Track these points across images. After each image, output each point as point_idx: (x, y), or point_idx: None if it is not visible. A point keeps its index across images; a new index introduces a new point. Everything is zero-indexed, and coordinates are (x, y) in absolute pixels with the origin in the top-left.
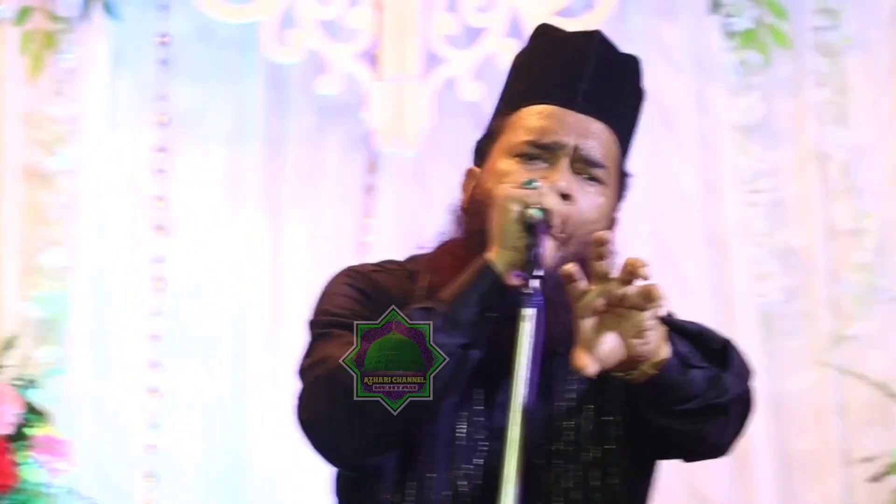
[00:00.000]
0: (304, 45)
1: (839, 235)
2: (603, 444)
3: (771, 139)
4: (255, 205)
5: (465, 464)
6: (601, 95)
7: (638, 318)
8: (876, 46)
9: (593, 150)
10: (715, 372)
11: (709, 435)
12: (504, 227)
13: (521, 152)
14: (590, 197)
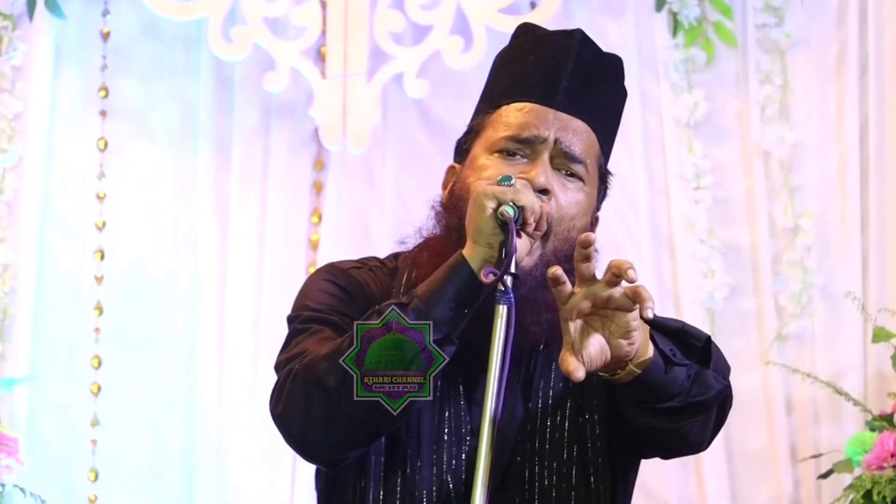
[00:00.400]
0: (250, 42)
1: (781, 233)
2: (582, 443)
3: (715, 136)
4: (202, 202)
5: (450, 459)
6: (581, 93)
7: (624, 320)
8: (819, 44)
9: (573, 145)
10: (697, 369)
11: (689, 432)
12: (479, 224)
13: (500, 148)
14: (570, 193)
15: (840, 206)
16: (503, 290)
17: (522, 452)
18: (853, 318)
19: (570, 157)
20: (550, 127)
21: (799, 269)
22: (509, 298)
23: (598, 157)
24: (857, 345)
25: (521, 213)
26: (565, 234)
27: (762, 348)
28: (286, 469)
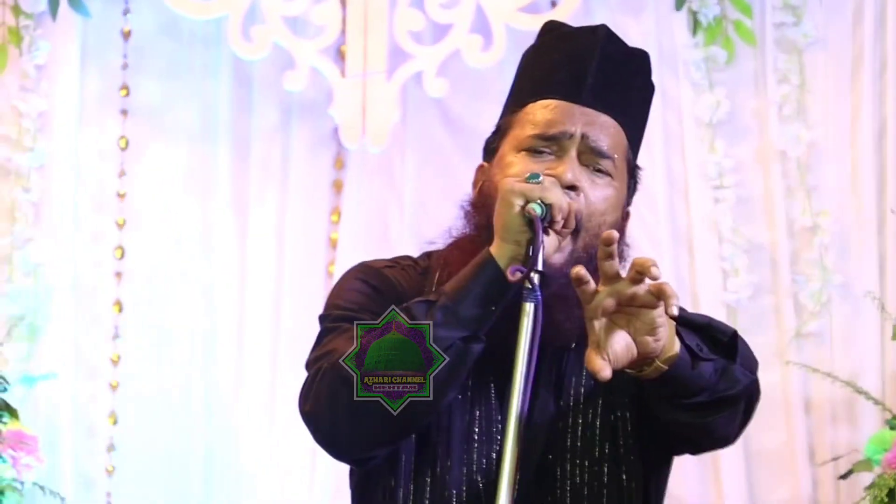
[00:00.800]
0: (270, 41)
1: (796, 233)
2: (614, 440)
3: (735, 136)
4: (222, 201)
5: (480, 458)
6: (607, 89)
7: (649, 317)
8: (837, 43)
9: (600, 140)
10: (724, 364)
11: (717, 427)
12: (506, 222)
13: (528, 146)
14: (598, 188)
15: (857, 205)
16: (530, 287)
17: (554, 450)
18: (871, 317)
19: (598, 152)
20: (577, 123)
21: (818, 267)
22: (536, 296)
23: (627, 152)
24: (875, 344)
25: (549, 211)
26: (596, 230)
27: (781, 347)
28: (304, 468)
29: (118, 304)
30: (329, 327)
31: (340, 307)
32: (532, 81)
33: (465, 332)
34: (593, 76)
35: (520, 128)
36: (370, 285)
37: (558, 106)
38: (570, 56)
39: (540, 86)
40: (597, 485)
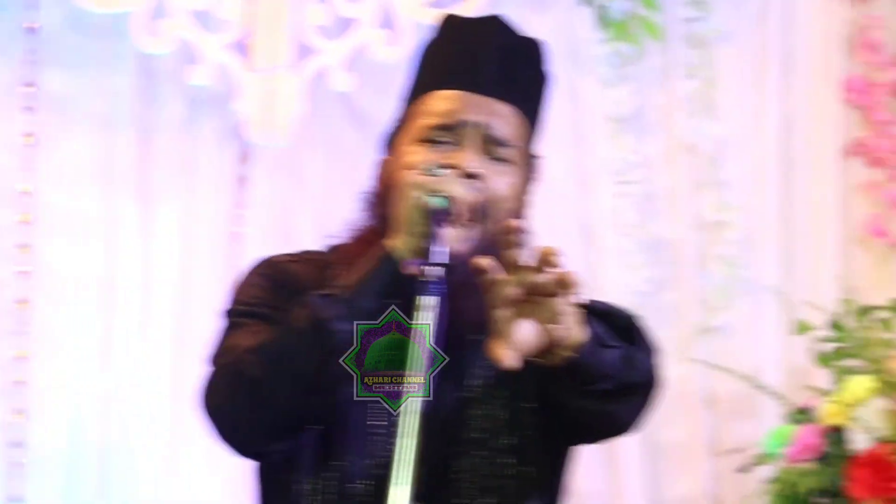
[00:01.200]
0: (175, 35)
1: (706, 227)
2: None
3: (642, 131)
4: (126, 195)
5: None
6: (505, 78)
7: (554, 305)
8: (744, 38)
9: (500, 129)
10: (628, 350)
11: (622, 415)
12: (406, 214)
13: (427, 137)
14: (500, 176)
15: (762, 200)
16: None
17: (458, 441)
18: (774, 312)
19: (498, 141)
20: (476, 112)
21: (725, 262)
22: (436, 289)
23: (526, 140)
24: (777, 338)
25: (449, 203)
26: (499, 217)
27: (684, 342)
28: (207, 466)
29: (25, 301)
30: (231, 323)
31: (242, 302)
32: (430, 74)
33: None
34: (490, 65)
35: (418, 119)
36: (272, 280)
37: (457, 96)
38: (466, 47)
39: (438, 77)
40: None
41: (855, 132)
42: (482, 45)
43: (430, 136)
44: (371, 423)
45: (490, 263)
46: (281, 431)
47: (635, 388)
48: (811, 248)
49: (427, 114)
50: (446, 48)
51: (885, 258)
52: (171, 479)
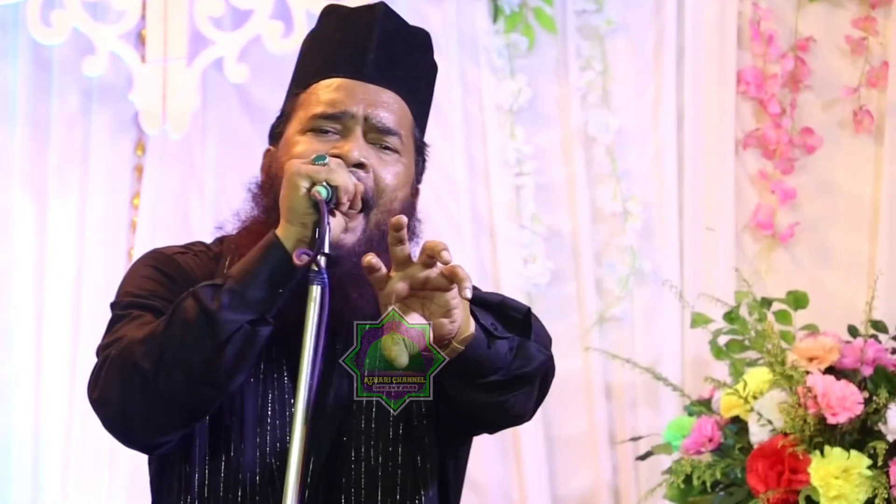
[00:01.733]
0: (69, 25)
1: (604, 218)
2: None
3: (537, 122)
4: (20, 186)
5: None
6: (389, 65)
7: (443, 299)
8: (638, 30)
9: (385, 118)
10: (519, 342)
11: (514, 405)
12: (292, 204)
13: (312, 126)
14: (387, 165)
15: (658, 191)
16: (317, 270)
17: (348, 431)
18: (672, 302)
19: (383, 129)
20: (360, 102)
21: (628, 253)
22: (323, 279)
23: (413, 129)
24: (675, 330)
25: (335, 193)
26: (388, 206)
27: (582, 333)
28: (103, 459)
29: None
30: (119, 314)
31: (131, 294)
32: (315, 64)
33: (253, 314)
34: (374, 52)
35: (303, 109)
36: (161, 272)
37: (341, 84)
38: (350, 35)
39: (323, 67)
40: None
41: (749, 123)
42: (365, 33)
43: (315, 125)
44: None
45: (377, 261)
46: (171, 423)
47: (527, 379)
48: (706, 239)
49: (312, 103)
50: (330, 37)
51: (768, 250)
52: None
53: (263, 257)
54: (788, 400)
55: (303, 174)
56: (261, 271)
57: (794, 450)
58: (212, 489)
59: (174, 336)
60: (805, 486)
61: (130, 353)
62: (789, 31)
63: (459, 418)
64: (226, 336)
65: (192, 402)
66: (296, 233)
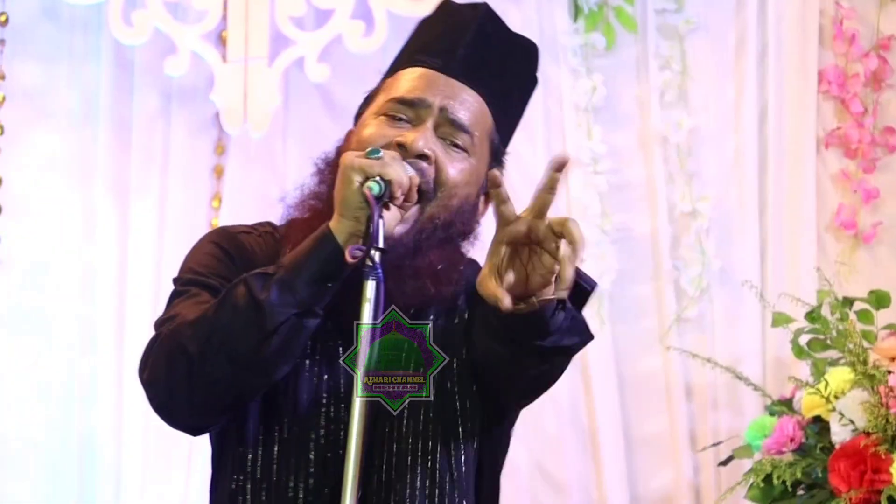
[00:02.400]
0: (151, 25)
1: (676, 218)
2: (441, 400)
3: (614, 121)
4: (102, 186)
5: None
6: (478, 66)
7: (549, 261)
8: (718, 30)
9: (460, 113)
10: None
11: (552, 376)
12: (345, 197)
13: (386, 111)
14: (453, 161)
15: (738, 191)
16: (371, 265)
17: (387, 419)
18: (752, 302)
19: (457, 124)
20: (438, 93)
21: (698, 252)
22: (378, 273)
23: (490, 132)
24: (756, 329)
25: (388, 187)
26: (446, 200)
27: (661, 333)
28: (183, 453)
29: None
30: (179, 290)
31: (193, 270)
32: (409, 52)
33: (300, 307)
34: (464, 49)
35: (385, 93)
36: (224, 250)
37: (424, 74)
38: (447, 28)
39: (413, 55)
40: (423, 446)
41: (831, 123)
42: (461, 30)
43: (390, 109)
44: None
45: (499, 176)
46: (214, 407)
47: (572, 351)
48: (787, 239)
49: (393, 88)
50: (431, 28)
51: (851, 249)
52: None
53: (315, 250)
54: (870, 399)
55: (356, 168)
56: (311, 264)
57: (877, 449)
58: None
59: (222, 322)
60: (888, 486)
61: (179, 334)
62: (871, 29)
63: (493, 391)
64: (273, 327)
65: (235, 388)
66: (349, 227)
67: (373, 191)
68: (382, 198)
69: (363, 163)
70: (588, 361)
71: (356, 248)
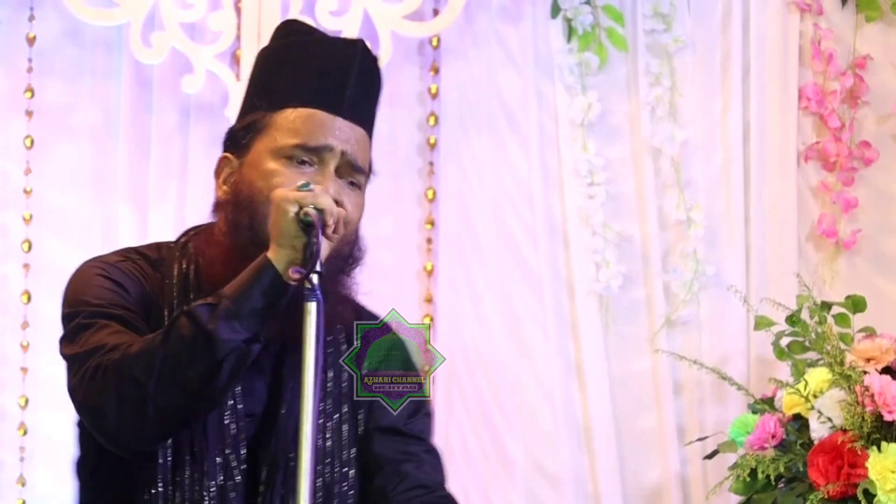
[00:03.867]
0: (168, 46)
1: (670, 226)
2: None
3: (608, 136)
4: (122, 198)
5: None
6: (362, 102)
7: None
8: (705, 48)
9: (357, 156)
10: None
11: None
12: (282, 227)
13: (289, 155)
14: (352, 198)
15: (725, 201)
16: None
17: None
18: (737, 306)
19: (355, 168)
20: (338, 138)
21: (691, 259)
22: (317, 295)
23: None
24: (740, 332)
25: (322, 216)
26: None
27: (652, 335)
28: None
29: (27, 294)
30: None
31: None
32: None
33: (247, 333)
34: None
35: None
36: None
37: (320, 118)
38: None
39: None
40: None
41: (810, 137)
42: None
43: (294, 154)
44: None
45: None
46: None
47: None
48: (770, 246)
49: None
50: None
51: (832, 257)
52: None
53: (257, 278)
54: (847, 398)
55: (291, 200)
56: (255, 293)
57: (853, 445)
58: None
59: (172, 353)
60: (863, 480)
61: (128, 366)
62: (848, 49)
63: None
64: (223, 354)
65: (185, 414)
66: (286, 255)
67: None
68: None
69: (298, 195)
70: (582, 361)
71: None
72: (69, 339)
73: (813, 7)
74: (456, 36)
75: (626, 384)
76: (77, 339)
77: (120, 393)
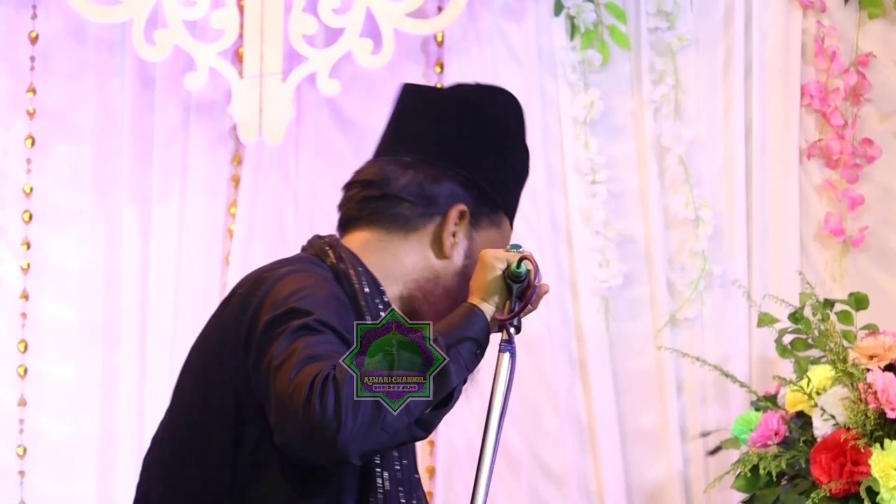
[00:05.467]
0: (171, 43)
1: (677, 224)
2: None
3: (610, 134)
4: (125, 195)
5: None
6: None
7: None
8: (708, 46)
9: None
10: None
11: None
12: (489, 284)
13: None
14: None
15: (728, 198)
16: (507, 339)
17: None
18: (741, 304)
19: None
20: None
21: (699, 257)
22: (512, 347)
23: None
24: (743, 330)
25: (527, 274)
26: None
27: (654, 332)
28: None
29: (25, 294)
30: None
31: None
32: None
33: (466, 374)
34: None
35: (500, 239)
36: (341, 301)
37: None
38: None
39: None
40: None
41: (813, 135)
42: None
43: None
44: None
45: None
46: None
47: None
48: (772, 244)
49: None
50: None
51: (840, 255)
52: None
53: (469, 325)
54: (850, 396)
55: (501, 258)
56: (470, 337)
57: (856, 443)
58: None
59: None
60: (866, 478)
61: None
62: (851, 47)
63: None
64: (451, 389)
65: (402, 439)
66: (490, 310)
67: (530, 267)
68: (524, 281)
69: (507, 255)
70: (586, 359)
71: (505, 321)
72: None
73: (816, 4)
74: (459, 33)
75: (629, 382)
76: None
77: (357, 408)
